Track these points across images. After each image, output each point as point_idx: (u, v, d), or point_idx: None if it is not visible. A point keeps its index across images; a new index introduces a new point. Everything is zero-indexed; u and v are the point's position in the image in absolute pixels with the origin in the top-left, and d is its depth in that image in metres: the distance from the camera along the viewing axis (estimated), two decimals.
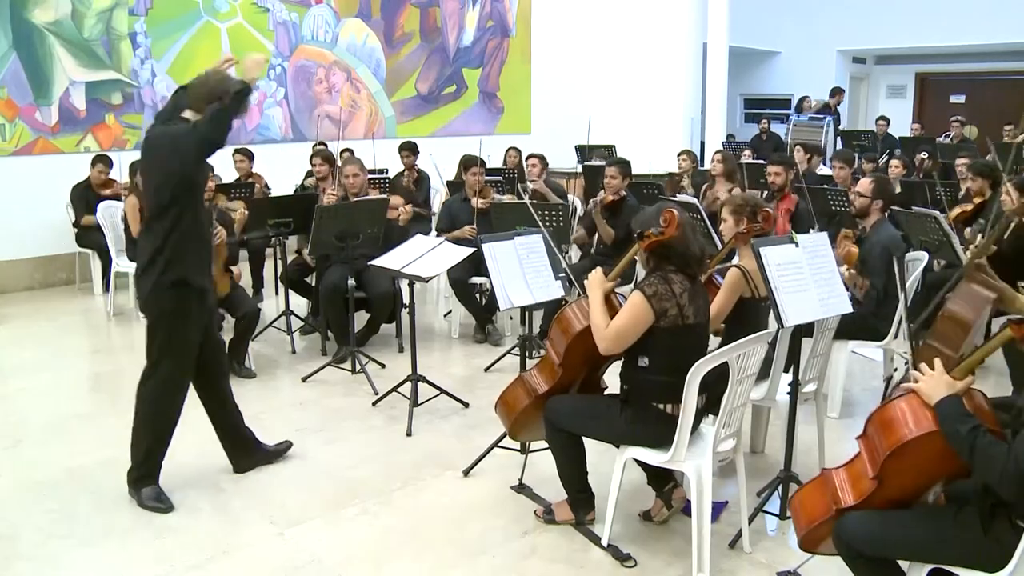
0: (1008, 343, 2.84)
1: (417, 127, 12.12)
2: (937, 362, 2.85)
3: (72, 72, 9.31)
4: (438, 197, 9.27)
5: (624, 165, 6.96)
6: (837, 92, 15.68)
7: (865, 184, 5.52)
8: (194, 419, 4.50)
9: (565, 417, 3.85)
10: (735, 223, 4.37)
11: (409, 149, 9.32)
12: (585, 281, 3.82)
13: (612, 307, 3.75)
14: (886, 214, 5.56)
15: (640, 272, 4.42)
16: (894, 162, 9.27)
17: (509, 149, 10.14)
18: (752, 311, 4.26)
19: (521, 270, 4.52)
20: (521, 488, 4.36)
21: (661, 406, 3.63)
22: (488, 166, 8.00)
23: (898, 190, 8.61)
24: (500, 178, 8.28)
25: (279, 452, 4.80)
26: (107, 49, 9.53)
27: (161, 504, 4.22)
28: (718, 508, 4.11)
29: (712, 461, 3.65)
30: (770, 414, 4.84)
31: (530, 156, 8.63)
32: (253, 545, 3.93)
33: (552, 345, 3.98)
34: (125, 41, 9.64)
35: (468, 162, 7.22)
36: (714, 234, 5.91)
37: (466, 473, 4.57)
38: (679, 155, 10.08)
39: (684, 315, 3.57)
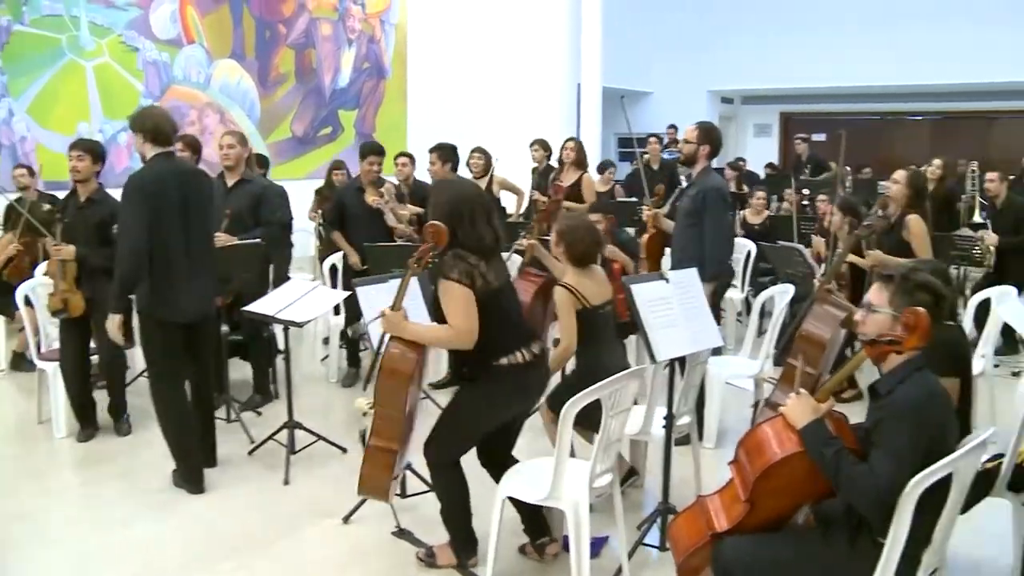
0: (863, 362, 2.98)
1: (293, 169, 12.00)
2: (802, 392, 2.97)
3: None
4: None
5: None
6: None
7: (690, 130, 5.60)
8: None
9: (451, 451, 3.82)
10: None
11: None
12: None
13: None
14: (711, 162, 5.68)
15: None
16: (759, 194, 9.61)
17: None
18: (590, 321, 4.37)
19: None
20: (401, 533, 4.30)
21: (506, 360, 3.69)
22: None
23: (759, 220, 8.97)
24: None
25: None
26: None
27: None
28: (598, 543, 4.13)
29: (589, 496, 3.68)
30: (647, 448, 4.91)
31: (399, 155, 8.09)
32: None
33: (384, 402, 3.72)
34: None
35: (366, 150, 6.85)
36: None
37: (346, 520, 4.49)
38: (531, 146, 9.42)
39: (488, 280, 3.62)
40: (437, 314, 3.67)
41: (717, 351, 4.97)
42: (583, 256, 4.39)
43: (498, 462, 3.96)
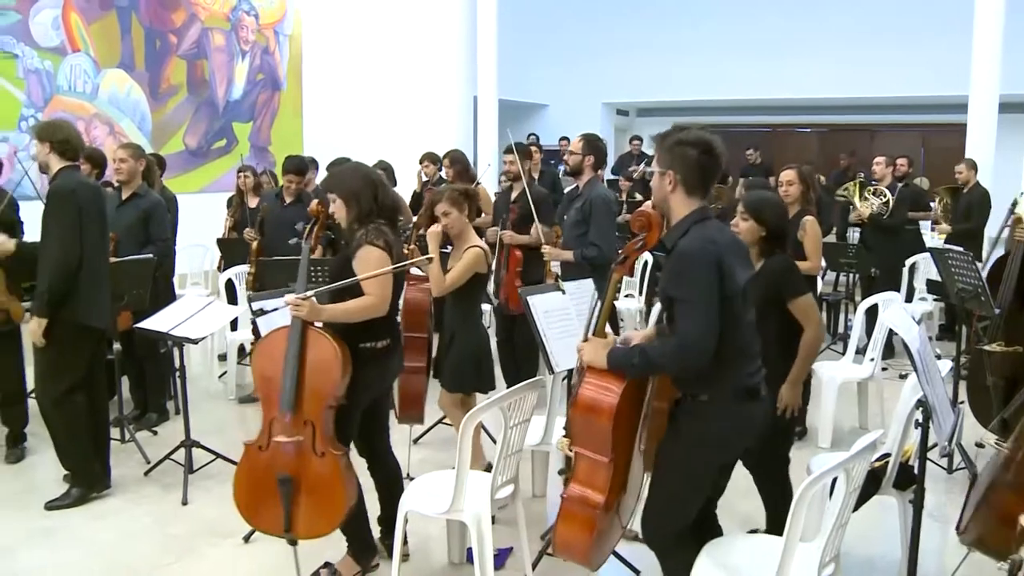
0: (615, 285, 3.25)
1: (186, 182, 11.73)
2: (588, 339, 3.17)
3: None
4: None
5: None
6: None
7: (575, 142, 5.76)
8: None
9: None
10: (460, 212, 4.61)
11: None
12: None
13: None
14: (598, 172, 5.81)
15: None
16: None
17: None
18: (481, 285, 4.76)
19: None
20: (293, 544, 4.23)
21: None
22: None
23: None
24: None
25: None
26: None
27: None
28: (503, 554, 4.17)
29: (491, 508, 3.71)
30: (549, 458, 4.97)
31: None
32: None
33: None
34: None
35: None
36: None
37: (246, 539, 4.42)
38: (420, 161, 9.23)
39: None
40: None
41: None
42: None
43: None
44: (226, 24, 12.56)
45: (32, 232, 8.89)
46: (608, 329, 3.28)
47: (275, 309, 3.72)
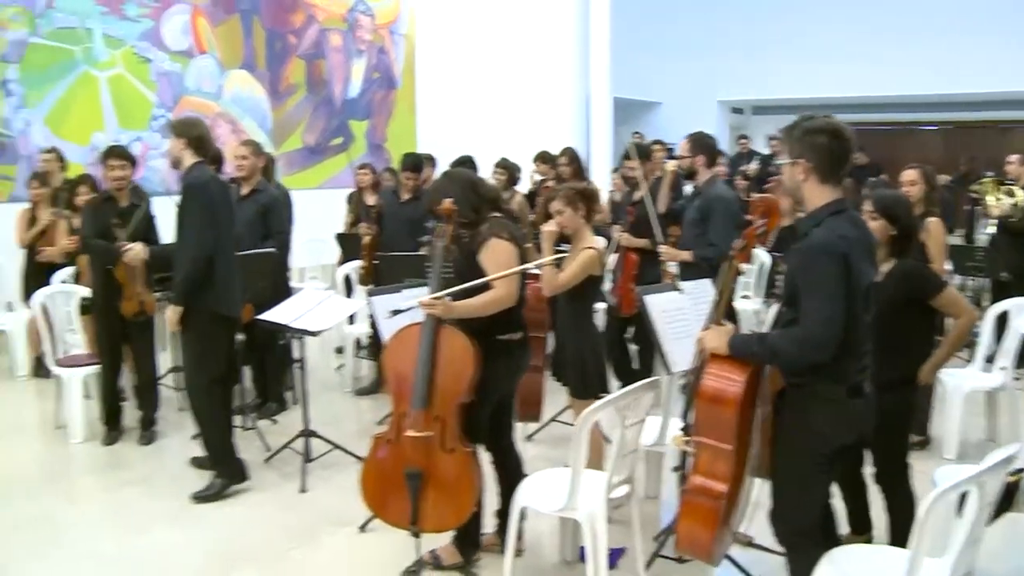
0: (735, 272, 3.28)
1: (304, 179, 12.05)
2: (708, 328, 3.20)
3: None
4: None
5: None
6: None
7: (683, 145, 5.65)
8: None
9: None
10: (574, 211, 4.51)
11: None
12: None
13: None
14: (715, 169, 5.67)
15: None
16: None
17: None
18: (597, 286, 4.65)
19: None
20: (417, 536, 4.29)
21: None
22: None
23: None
24: None
25: None
26: None
27: None
28: (615, 554, 4.15)
29: (606, 508, 3.70)
30: (663, 459, 4.93)
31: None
32: None
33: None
34: None
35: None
36: None
37: (362, 529, 4.50)
38: (533, 161, 9.23)
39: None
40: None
41: None
42: None
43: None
44: (343, 24, 12.82)
45: (162, 231, 9.25)
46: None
47: (409, 308, 3.77)
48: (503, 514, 4.11)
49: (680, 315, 4.06)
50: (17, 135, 9.47)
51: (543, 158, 9.04)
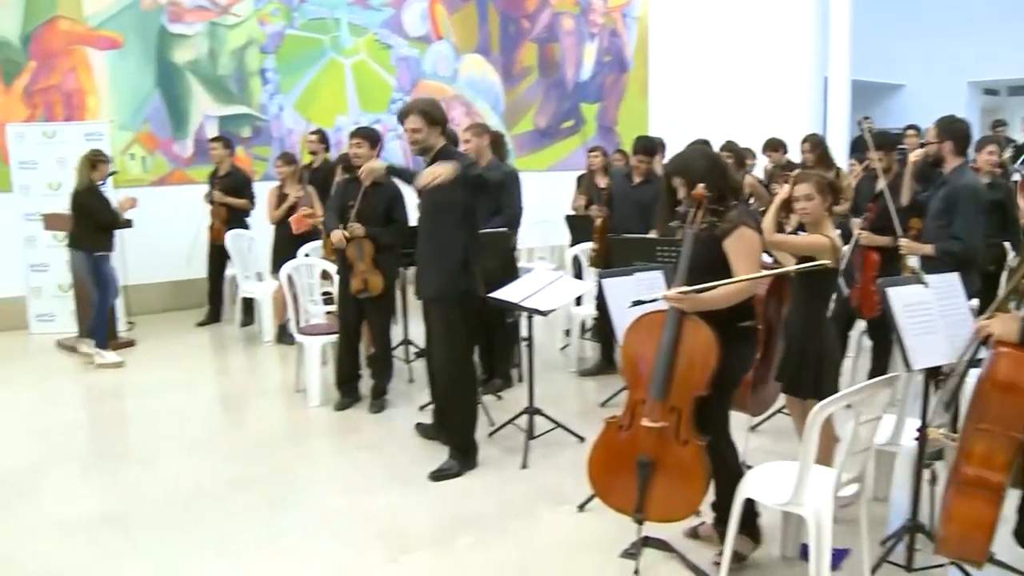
0: None
1: (535, 160, 12.26)
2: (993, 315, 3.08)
3: (206, 107, 9.80)
4: None
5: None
6: None
7: (930, 130, 5.34)
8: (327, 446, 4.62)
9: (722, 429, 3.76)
10: (822, 200, 4.29)
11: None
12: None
13: None
14: (964, 157, 5.30)
15: None
16: None
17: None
18: (831, 279, 4.40)
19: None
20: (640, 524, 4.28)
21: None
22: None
23: None
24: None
25: None
26: (239, 85, 9.98)
27: None
28: (839, 555, 3.99)
29: (832, 506, 3.56)
30: (896, 459, 4.68)
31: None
32: (367, 570, 4.00)
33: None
34: (255, 77, 10.09)
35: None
36: None
37: (581, 508, 4.54)
38: (763, 150, 8.99)
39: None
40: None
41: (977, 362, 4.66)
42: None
43: None
44: (575, 8, 12.89)
45: None
46: None
47: (653, 300, 3.75)
48: (718, 507, 4.03)
49: (923, 310, 3.81)
50: (271, 119, 10.20)
51: (772, 145, 8.77)
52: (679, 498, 3.64)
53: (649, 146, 6.99)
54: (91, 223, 7.47)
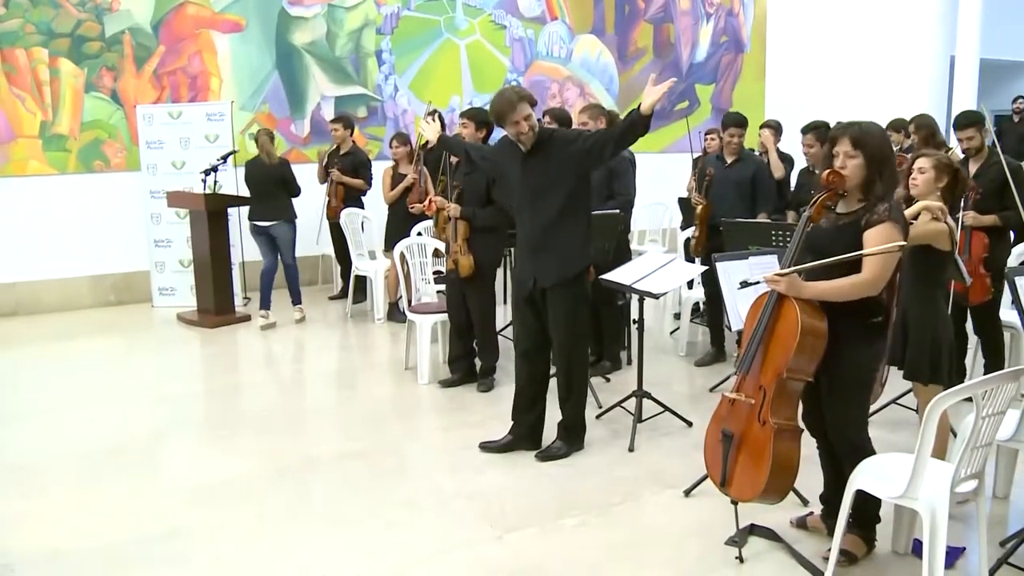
0: None
1: (649, 142, 11.97)
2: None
3: (324, 88, 10.02)
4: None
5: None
6: None
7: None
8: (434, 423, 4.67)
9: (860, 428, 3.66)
10: (936, 178, 4.18)
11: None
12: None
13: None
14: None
15: None
16: None
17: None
18: (947, 263, 4.22)
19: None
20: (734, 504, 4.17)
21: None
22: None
23: None
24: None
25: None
26: (355, 66, 10.17)
27: None
28: (954, 554, 3.85)
29: (949, 502, 3.43)
30: (1019, 456, 4.50)
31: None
32: (472, 546, 4.05)
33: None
34: (372, 58, 10.26)
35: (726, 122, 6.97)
36: None
37: (687, 493, 4.52)
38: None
39: None
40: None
41: None
42: None
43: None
44: None
45: None
46: None
47: (757, 283, 3.71)
48: (826, 499, 3.94)
49: None
50: (386, 100, 10.36)
51: (894, 127, 8.45)
52: (749, 477, 3.64)
53: (741, 119, 6.83)
54: (287, 194, 7.99)
